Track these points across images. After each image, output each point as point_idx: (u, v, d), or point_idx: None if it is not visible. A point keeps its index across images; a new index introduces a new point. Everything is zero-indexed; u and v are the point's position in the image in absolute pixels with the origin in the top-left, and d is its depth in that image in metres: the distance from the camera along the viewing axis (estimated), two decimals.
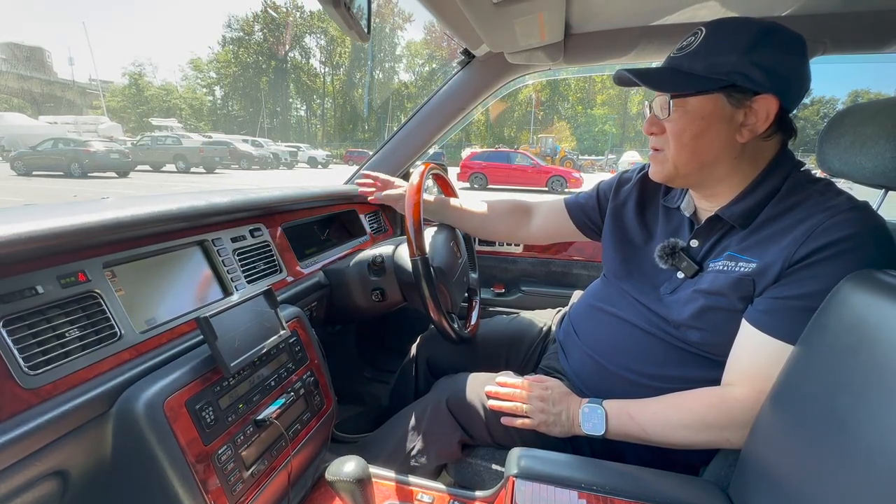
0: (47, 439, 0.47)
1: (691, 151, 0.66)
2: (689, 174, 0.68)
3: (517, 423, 0.75)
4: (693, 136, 0.65)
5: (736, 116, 0.63)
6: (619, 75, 0.69)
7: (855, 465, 0.40)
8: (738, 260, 0.64)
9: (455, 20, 1.03)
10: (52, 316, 0.51)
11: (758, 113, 0.62)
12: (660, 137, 0.69)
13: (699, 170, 0.67)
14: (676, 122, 0.65)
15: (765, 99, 0.61)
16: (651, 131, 0.70)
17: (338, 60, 47.17)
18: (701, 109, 0.63)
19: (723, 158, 0.66)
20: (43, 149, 13.59)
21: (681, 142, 0.66)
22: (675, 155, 0.67)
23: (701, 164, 0.66)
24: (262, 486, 0.62)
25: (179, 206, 0.68)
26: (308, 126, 50.61)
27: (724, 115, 0.63)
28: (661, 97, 0.66)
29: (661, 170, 0.71)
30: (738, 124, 0.63)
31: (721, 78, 0.61)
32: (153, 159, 17.30)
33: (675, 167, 0.68)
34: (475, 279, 1.27)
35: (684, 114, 0.64)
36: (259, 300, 0.70)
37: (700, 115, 0.63)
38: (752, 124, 0.63)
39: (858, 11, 0.96)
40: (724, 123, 0.63)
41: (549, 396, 0.75)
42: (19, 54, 46.72)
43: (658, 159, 0.71)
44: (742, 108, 0.62)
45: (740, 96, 0.61)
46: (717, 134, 0.64)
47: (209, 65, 46.13)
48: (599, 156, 32.91)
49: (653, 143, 0.71)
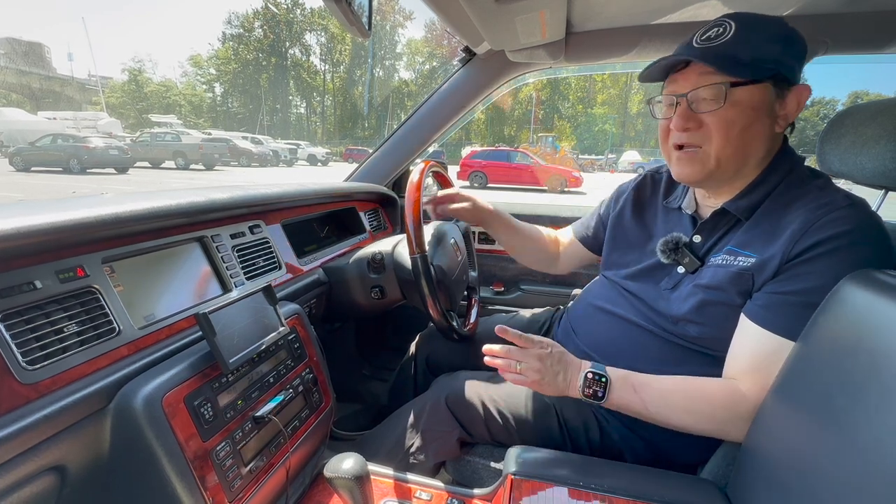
0: (45, 434, 0.47)
1: (738, 145, 0.63)
2: (729, 170, 0.66)
3: (510, 378, 0.71)
4: (743, 128, 0.62)
5: (775, 107, 0.63)
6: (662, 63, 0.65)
7: (853, 465, 0.40)
8: (738, 254, 0.64)
9: (456, 18, 1.03)
10: (50, 311, 0.51)
11: (789, 104, 0.63)
12: (696, 133, 0.65)
13: (741, 164, 0.65)
14: (726, 113, 0.61)
15: (798, 88, 0.62)
16: (686, 126, 0.65)
17: (338, 58, 47.07)
18: (752, 100, 0.61)
19: (761, 151, 0.65)
20: (42, 145, 13.55)
21: (729, 135, 0.62)
22: (720, 149, 0.63)
23: (744, 157, 0.65)
24: (261, 483, 0.62)
25: (178, 202, 0.67)
26: (308, 123, 50.52)
27: (769, 106, 0.62)
28: (704, 88, 0.62)
29: (699, 168, 0.66)
30: (776, 115, 0.63)
31: (769, 68, 0.60)
32: (152, 156, 17.26)
33: (719, 162, 0.64)
34: (475, 277, 1.27)
35: (735, 104, 0.61)
36: (258, 297, 0.70)
37: (751, 105, 0.61)
38: (786, 114, 0.63)
39: (859, 12, 0.96)
40: (768, 114, 0.63)
41: (547, 356, 0.70)
42: (18, 49, 46.55)
43: (695, 157, 0.66)
44: (780, 99, 0.63)
45: (783, 86, 0.62)
46: (762, 125, 0.63)
47: (209, 61, 45.98)
48: (599, 155, 32.90)
49: (686, 139, 0.66)
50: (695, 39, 0.65)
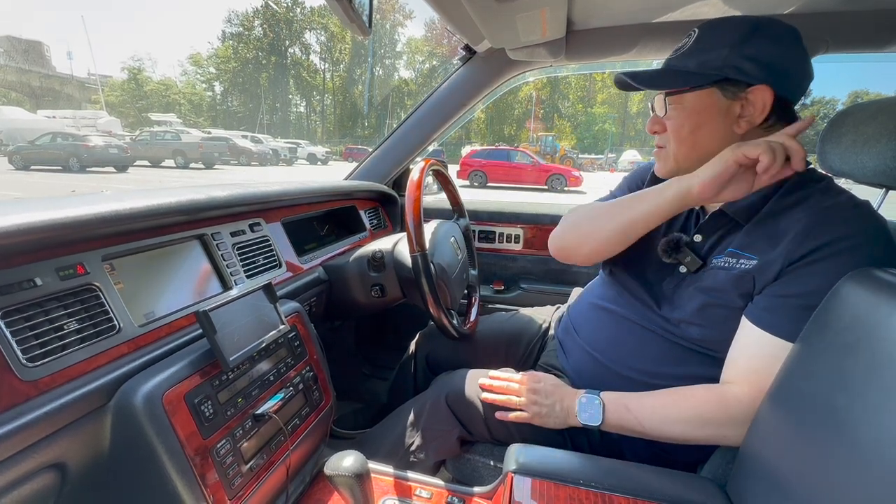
0: (45, 432, 0.47)
1: (690, 145, 0.68)
2: (691, 168, 0.68)
3: (511, 417, 0.75)
4: (691, 130, 0.67)
5: (732, 108, 0.65)
6: (618, 79, 0.72)
7: (853, 463, 0.40)
8: (740, 256, 0.64)
9: (457, 16, 1.03)
10: (50, 308, 0.51)
11: (754, 104, 0.64)
12: (662, 135, 0.72)
13: (700, 162, 0.67)
14: (674, 119, 0.69)
15: (759, 90, 0.63)
16: (654, 130, 0.73)
17: (338, 57, 46.97)
18: (696, 104, 0.66)
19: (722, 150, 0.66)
20: (41, 143, 13.53)
21: (679, 137, 0.69)
22: (676, 150, 0.70)
23: (700, 156, 0.67)
24: (261, 481, 0.62)
25: (178, 200, 0.67)
26: (308, 122, 50.45)
27: (719, 108, 0.65)
28: (659, 96, 0.70)
29: (664, 166, 0.74)
30: (735, 116, 0.65)
31: (713, 73, 0.64)
32: (152, 154, 17.22)
33: (677, 161, 0.71)
34: (475, 276, 1.27)
35: (682, 110, 0.68)
36: (258, 295, 0.70)
37: (696, 109, 0.66)
38: (750, 115, 0.64)
39: (860, 10, 0.96)
40: (720, 116, 0.65)
41: (541, 388, 0.75)
42: (18, 47, 46.48)
43: (661, 156, 0.74)
44: (738, 101, 0.64)
45: (734, 89, 0.64)
46: (714, 127, 0.66)
47: (209, 60, 45.88)
48: (599, 154, 32.90)
49: (656, 141, 0.74)
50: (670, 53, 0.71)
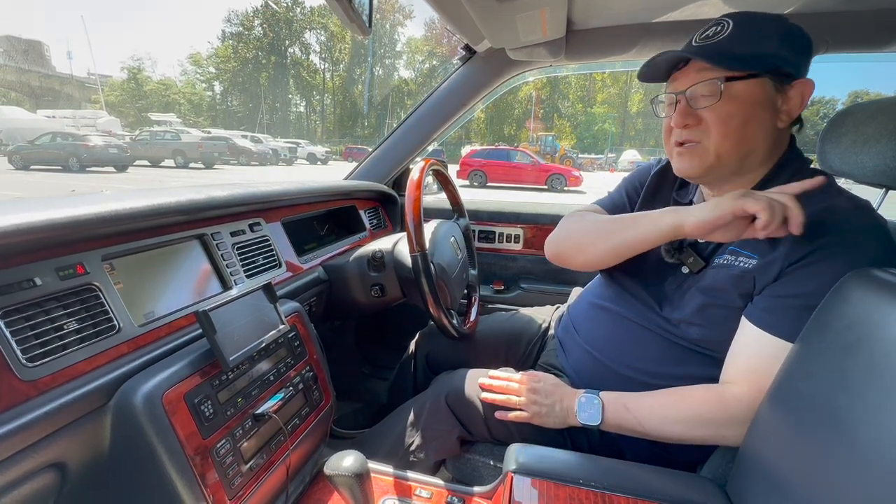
0: (45, 431, 0.47)
1: (738, 139, 0.63)
2: (730, 164, 0.66)
3: (510, 416, 0.75)
4: (742, 122, 0.62)
5: (776, 102, 0.63)
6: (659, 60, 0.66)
7: (853, 463, 0.40)
8: (739, 254, 0.64)
9: (457, 16, 1.03)
10: (50, 308, 0.51)
11: (793, 98, 0.62)
12: (695, 129, 0.65)
13: (742, 158, 0.65)
14: (723, 108, 0.62)
15: (801, 83, 0.62)
16: (686, 123, 0.66)
17: (338, 56, 46.95)
18: (750, 94, 0.62)
19: (762, 147, 0.65)
20: (41, 143, 13.52)
21: (727, 129, 0.63)
22: (720, 143, 0.64)
23: (745, 152, 0.65)
24: (261, 480, 0.62)
25: (178, 200, 0.67)
26: (307, 122, 50.42)
27: (770, 100, 0.62)
28: (701, 84, 0.63)
29: (699, 163, 0.66)
30: (777, 110, 0.63)
31: (768, 61, 0.61)
32: (152, 154, 17.21)
33: (718, 157, 0.65)
34: (475, 276, 1.27)
35: (732, 99, 0.62)
36: (258, 294, 0.70)
37: (750, 99, 0.62)
38: (789, 109, 0.63)
39: (860, 10, 0.96)
40: (769, 109, 0.63)
41: (541, 388, 0.75)
42: (17, 47, 46.45)
43: (695, 152, 0.66)
44: (781, 94, 0.62)
45: (783, 80, 0.62)
46: (762, 120, 0.63)
47: (208, 60, 45.85)
48: (599, 154, 32.89)
49: (686, 136, 0.67)
50: (694, 39, 0.67)
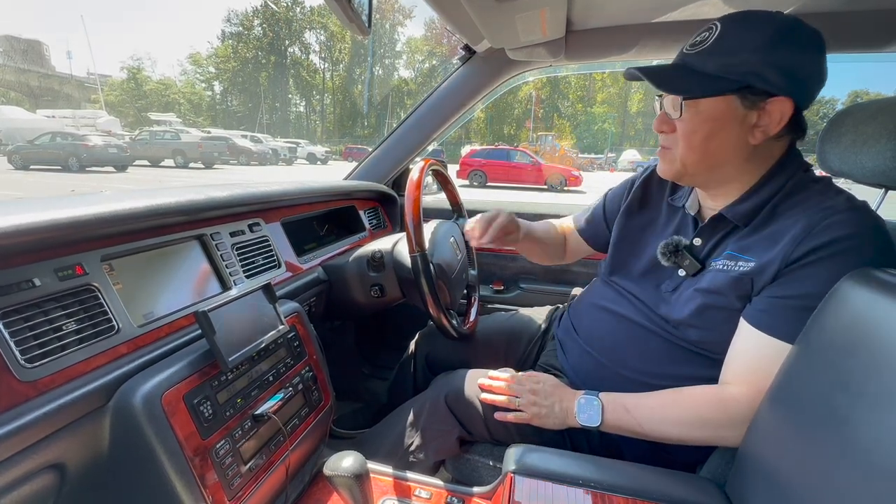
0: (44, 432, 0.47)
1: (701, 153, 0.64)
2: (697, 174, 0.67)
3: (510, 417, 0.75)
4: (704, 137, 0.63)
5: (749, 118, 0.61)
6: (630, 73, 0.67)
7: (852, 464, 0.40)
8: (738, 259, 0.64)
9: (456, 16, 1.03)
10: (49, 309, 0.51)
11: (771, 115, 0.60)
12: (669, 136, 0.67)
13: (708, 171, 0.66)
14: (687, 123, 0.63)
15: (780, 101, 0.59)
16: (661, 129, 0.68)
17: (338, 56, 46.94)
18: (713, 111, 0.61)
19: (732, 160, 0.65)
20: (41, 143, 13.51)
21: (691, 143, 0.64)
22: (684, 155, 0.65)
23: (710, 165, 0.65)
24: (261, 481, 0.62)
25: (178, 200, 0.67)
26: (307, 122, 50.42)
27: (736, 117, 0.61)
28: (667, 98, 0.65)
29: (669, 168, 0.69)
30: (750, 126, 0.61)
31: (735, 79, 0.59)
32: (151, 154, 17.22)
33: (684, 166, 0.66)
34: (474, 276, 1.27)
35: (695, 114, 0.62)
36: (258, 295, 0.70)
37: (712, 116, 0.61)
38: (765, 126, 0.61)
39: (860, 10, 0.96)
40: (736, 125, 0.61)
41: (541, 389, 0.75)
42: (17, 47, 46.42)
43: (667, 157, 0.69)
44: (755, 110, 0.60)
45: (755, 98, 0.59)
46: (728, 136, 0.62)
47: (208, 60, 45.83)
48: (599, 154, 32.92)
49: (662, 140, 0.69)
50: (685, 46, 0.65)
